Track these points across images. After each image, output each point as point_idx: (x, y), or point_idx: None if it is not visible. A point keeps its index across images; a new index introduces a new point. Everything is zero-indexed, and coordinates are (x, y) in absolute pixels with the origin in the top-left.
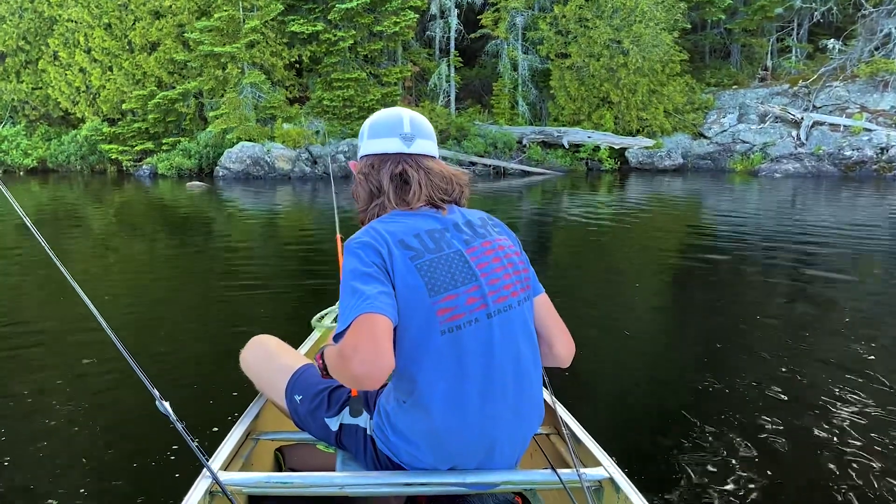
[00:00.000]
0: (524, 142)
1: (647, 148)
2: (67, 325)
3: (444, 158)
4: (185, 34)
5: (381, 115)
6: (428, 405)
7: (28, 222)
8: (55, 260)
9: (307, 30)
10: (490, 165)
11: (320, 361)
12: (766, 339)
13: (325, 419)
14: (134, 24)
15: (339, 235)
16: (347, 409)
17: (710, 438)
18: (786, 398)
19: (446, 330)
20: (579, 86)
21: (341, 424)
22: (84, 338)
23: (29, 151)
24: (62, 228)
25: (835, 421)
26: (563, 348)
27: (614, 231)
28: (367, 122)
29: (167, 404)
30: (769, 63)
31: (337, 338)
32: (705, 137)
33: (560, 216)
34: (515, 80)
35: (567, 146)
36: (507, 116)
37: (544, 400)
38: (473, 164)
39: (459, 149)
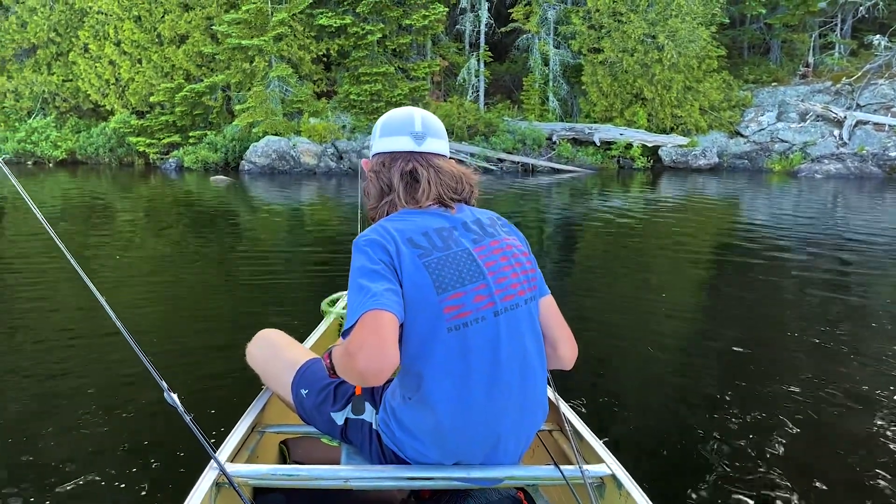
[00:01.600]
0: (554, 138)
1: (681, 146)
2: (78, 315)
3: (472, 155)
4: (214, 27)
5: (393, 114)
6: (434, 402)
7: (36, 210)
8: (63, 249)
9: (335, 23)
10: (518, 162)
11: (328, 361)
12: (793, 347)
13: (331, 413)
14: (163, 16)
15: None
16: (352, 404)
17: (715, 438)
18: (802, 405)
19: (453, 327)
20: (612, 81)
21: (347, 419)
22: (94, 329)
23: (59, 143)
24: (86, 220)
25: (849, 427)
26: (567, 351)
27: (645, 232)
28: (380, 121)
29: (175, 396)
30: (811, 59)
31: (345, 334)
32: (742, 136)
33: (589, 215)
34: (546, 76)
35: (598, 143)
36: (538, 112)
37: (548, 397)
38: (501, 160)
39: (487, 145)
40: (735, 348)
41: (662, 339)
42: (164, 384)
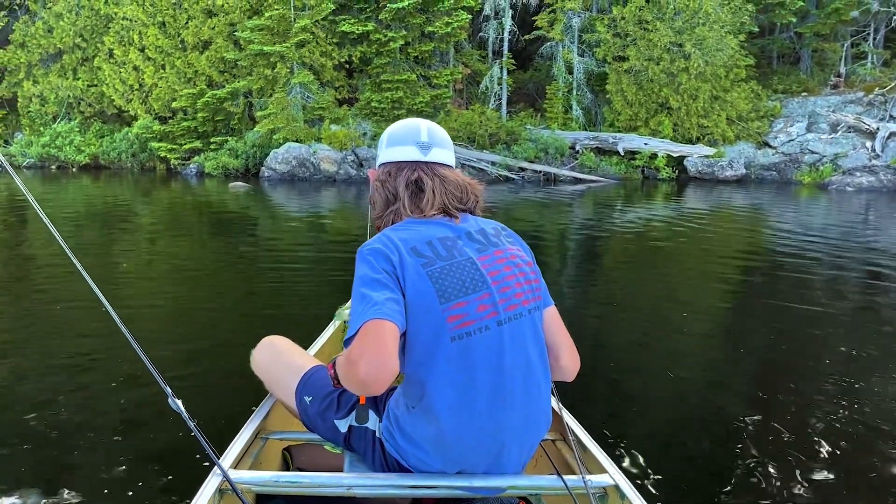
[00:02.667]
0: (577, 147)
1: (707, 157)
2: (83, 318)
3: (493, 163)
4: (237, 33)
5: (400, 124)
6: (437, 411)
7: (40, 211)
8: (69, 253)
9: (357, 30)
10: (540, 171)
11: (332, 371)
12: (817, 370)
13: (335, 421)
14: (187, 22)
15: None
16: (356, 412)
17: (722, 454)
18: (820, 428)
19: (456, 336)
20: (637, 90)
21: (350, 426)
22: (99, 332)
23: (82, 148)
24: (104, 224)
25: (876, 457)
26: (570, 362)
27: (668, 244)
28: (386, 131)
29: (180, 402)
30: (842, 69)
31: (346, 343)
32: (770, 147)
33: (611, 226)
34: (570, 84)
35: (622, 153)
36: (561, 121)
37: (551, 406)
38: (523, 169)
39: (509, 153)
40: (754, 367)
41: (678, 353)
42: (169, 389)
